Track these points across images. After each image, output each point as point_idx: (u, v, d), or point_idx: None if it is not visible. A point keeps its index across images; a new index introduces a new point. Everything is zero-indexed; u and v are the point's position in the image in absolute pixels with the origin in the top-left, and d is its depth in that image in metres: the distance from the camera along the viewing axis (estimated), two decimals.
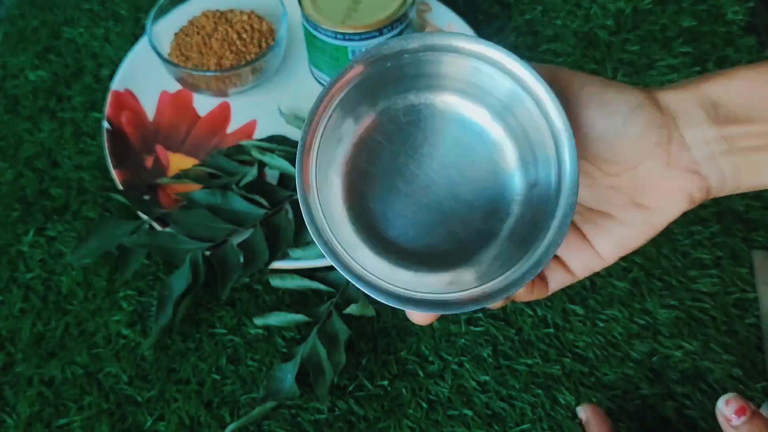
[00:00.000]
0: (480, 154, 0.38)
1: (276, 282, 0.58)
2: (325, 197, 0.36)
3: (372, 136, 0.38)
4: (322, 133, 0.36)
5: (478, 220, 0.37)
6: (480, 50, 0.35)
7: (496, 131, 0.38)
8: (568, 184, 0.34)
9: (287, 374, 0.54)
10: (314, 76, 0.71)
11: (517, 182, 0.37)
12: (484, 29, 0.76)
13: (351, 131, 0.38)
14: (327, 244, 0.35)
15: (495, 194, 0.37)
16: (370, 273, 0.35)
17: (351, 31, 0.63)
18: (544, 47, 0.74)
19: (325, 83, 0.40)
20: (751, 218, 0.62)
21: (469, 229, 0.37)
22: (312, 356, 0.54)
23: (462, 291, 0.35)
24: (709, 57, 0.72)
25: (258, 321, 0.57)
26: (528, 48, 0.74)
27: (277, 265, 0.59)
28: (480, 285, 0.35)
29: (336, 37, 0.63)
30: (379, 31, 0.63)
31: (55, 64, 0.76)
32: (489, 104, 0.37)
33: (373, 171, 0.38)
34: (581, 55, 0.73)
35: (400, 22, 0.64)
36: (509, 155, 0.38)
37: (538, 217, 0.36)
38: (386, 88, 0.37)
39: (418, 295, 0.34)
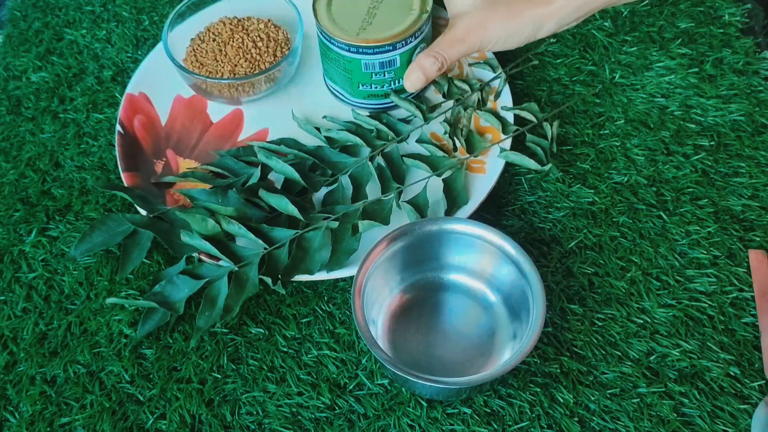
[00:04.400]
0: (479, 313, 0.58)
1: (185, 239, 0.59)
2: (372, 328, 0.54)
3: (405, 297, 0.58)
4: (366, 288, 0.54)
5: (474, 350, 0.56)
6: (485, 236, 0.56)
7: (491, 297, 0.58)
8: (537, 325, 0.51)
9: (185, 288, 0.56)
10: (329, 88, 0.70)
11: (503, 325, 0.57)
12: None
13: (388, 293, 0.57)
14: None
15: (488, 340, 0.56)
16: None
17: (364, 44, 0.62)
18: (542, 49, 0.75)
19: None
20: (748, 218, 0.62)
21: (467, 352, 0.56)
22: (214, 288, 0.57)
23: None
24: (706, 58, 0.73)
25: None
26: (526, 50, 0.74)
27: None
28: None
29: (349, 50, 0.63)
30: (393, 46, 0.62)
31: (57, 65, 0.76)
32: (486, 279, 0.58)
33: (406, 320, 0.57)
34: (579, 56, 0.74)
35: (415, 37, 0.63)
36: (499, 311, 0.57)
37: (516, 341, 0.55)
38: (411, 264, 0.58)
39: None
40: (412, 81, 0.61)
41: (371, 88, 0.66)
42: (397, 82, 0.66)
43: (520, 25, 0.56)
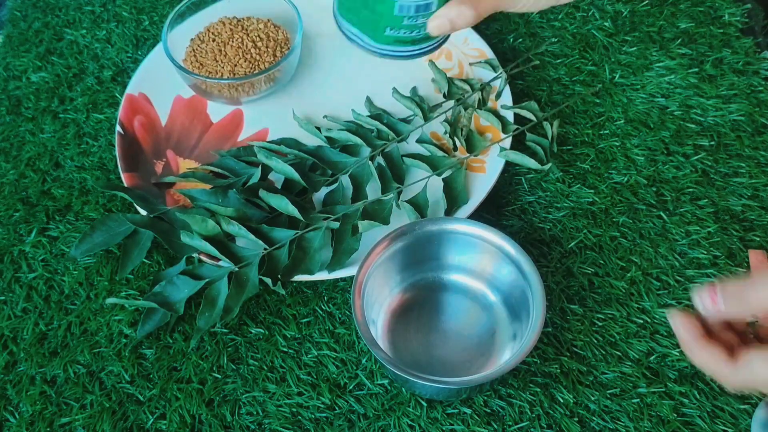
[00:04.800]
0: (479, 313, 0.57)
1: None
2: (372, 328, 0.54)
3: (405, 297, 0.58)
4: (366, 288, 0.53)
5: (473, 349, 0.56)
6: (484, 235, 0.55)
7: (491, 297, 0.58)
8: (537, 325, 0.51)
9: (185, 288, 0.56)
10: (343, 31, 0.60)
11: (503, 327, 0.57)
12: (482, 31, 0.76)
13: (388, 293, 0.57)
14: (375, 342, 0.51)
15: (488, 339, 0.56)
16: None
17: None
18: (543, 48, 0.75)
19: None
20: (748, 218, 0.62)
21: (467, 352, 0.56)
22: (214, 289, 0.57)
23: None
24: (706, 58, 0.73)
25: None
26: (526, 50, 0.74)
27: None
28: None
29: None
30: None
31: (57, 65, 0.76)
32: (486, 279, 0.57)
33: (406, 320, 0.57)
34: (579, 56, 0.74)
35: None
36: (499, 311, 0.57)
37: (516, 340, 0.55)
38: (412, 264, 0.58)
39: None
40: (438, 25, 0.56)
41: (400, 33, 0.59)
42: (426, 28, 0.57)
43: None
